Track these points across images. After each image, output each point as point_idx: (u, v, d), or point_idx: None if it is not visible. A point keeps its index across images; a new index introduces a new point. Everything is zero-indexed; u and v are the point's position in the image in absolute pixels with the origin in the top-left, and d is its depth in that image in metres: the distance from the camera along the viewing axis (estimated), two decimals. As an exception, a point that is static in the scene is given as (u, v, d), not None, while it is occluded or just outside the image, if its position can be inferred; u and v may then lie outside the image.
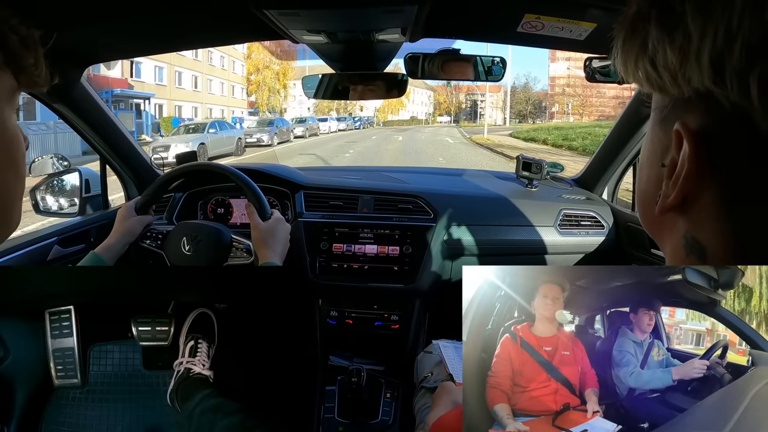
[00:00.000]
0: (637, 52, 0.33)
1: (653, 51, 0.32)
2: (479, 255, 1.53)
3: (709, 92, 0.29)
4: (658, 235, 0.38)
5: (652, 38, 0.32)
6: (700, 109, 0.31)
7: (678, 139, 0.32)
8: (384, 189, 1.59)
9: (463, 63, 1.32)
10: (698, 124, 0.31)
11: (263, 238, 1.08)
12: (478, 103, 62.87)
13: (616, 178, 1.68)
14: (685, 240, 0.34)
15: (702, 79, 0.29)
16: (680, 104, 0.32)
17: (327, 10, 0.98)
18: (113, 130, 1.51)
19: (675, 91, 0.32)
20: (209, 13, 1.06)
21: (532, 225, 1.54)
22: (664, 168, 0.34)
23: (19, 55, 0.43)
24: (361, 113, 48.55)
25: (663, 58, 0.31)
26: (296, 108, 46.42)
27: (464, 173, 2.04)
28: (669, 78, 0.31)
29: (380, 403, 1.39)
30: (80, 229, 1.44)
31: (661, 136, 0.35)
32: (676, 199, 0.33)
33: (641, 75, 0.34)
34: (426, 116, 62.53)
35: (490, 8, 1.10)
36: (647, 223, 0.39)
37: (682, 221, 0.34)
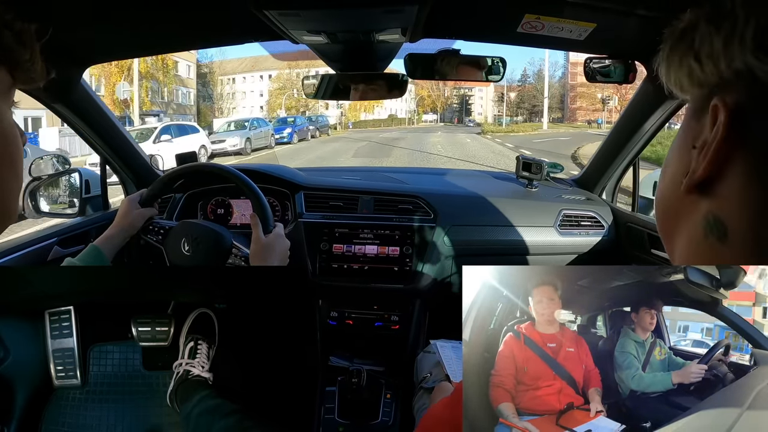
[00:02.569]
0: (682, 53, 0.36)
1: (699, 44, 0.34)
2: (479, 255, 1.53)
3: (749, 69, 0.31)
4: (673, 225, 0.39)
5: (699, 34, 0.34)
6: (738, 87, 0.32)
7: (714, 116, 0.33)
8: (384, 189, 1.59)
9: (464, 63, 1.32)
10: (735, 99, 0.32)
11: (261, 253, 1.08)
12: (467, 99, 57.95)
13: (616, 179, 1.68)
14: (705, 221, 0.34)
15: (744, 56, 0.31)
16: (717, 89, 0.34)
17: (327, 11, 0.98)
18: (113, 131, 1.51)
19: (715, 78, 0.34)
20: (209, 13, 1.06)
21: (532, 225, 1.55)
22: (695, 150, 0.35)
23: (14, 51, 0.43)
24: (327, 112, 38.11)
25: (708, 47, 0.33)
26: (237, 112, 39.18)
27: (464, 174, 2.05)
28: (711, 66, 0.33)
29: (380, 404, 1.38)
30: (80, 230, 1.44)
31: (693, 125, 0.37)
32: (705, 170, 0.33)
33: (684, 72, 0.36)
34: (408, 114, 52.92)
35: (490, 9, 1.10)
36: (666, 211, 0.40)
37: (704, 203, 0.35)
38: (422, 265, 1.47)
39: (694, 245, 0.36)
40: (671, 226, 0.39)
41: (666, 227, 0.40)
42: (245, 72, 43.17)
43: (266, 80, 42.66)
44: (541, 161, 1.71)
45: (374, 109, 49.24)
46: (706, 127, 0.34)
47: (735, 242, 0.33)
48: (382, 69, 1.42)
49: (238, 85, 43.01)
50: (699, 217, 0.35)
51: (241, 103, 42.22)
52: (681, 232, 0.38)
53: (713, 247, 0.34)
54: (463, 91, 57.97)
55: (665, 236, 0.41)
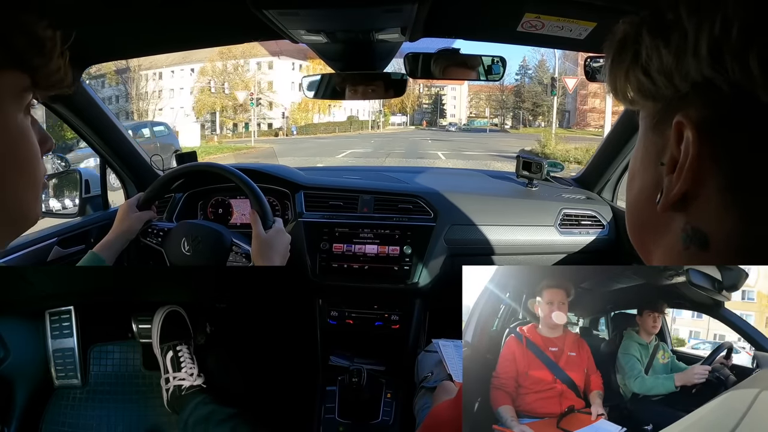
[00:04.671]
0: (627, 67, 0.35)
1: (646, 59, 0.33)
2: (479, 255, 1.53)
3: (708, 82, 0.30)
4: (650, 240, 0.38)
5: (644, 48, 0.33)
6: (698, 101, 0.32)
7: (678, 133, 0.33)
8: (384, 189, 1.59)
9: (463, 62, 1.32)
10: (699, 114, 0.32)
11: (262, 250, 1.08)
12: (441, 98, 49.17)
13: (617, 177, 1.68)
14: (684, 234, 0.34)
15: (701, 69, 0.30)
16: (675, 103, 0.33)
17: (326, 10, 0.98)
18: (113, 131, 1.50)
19: (669, 92, 0.33)
20: (209, 13, 1.06)
21: (533, 224, 1.54)
22: (663, 166, 0.34)
23: (27, 55, 0.42)
24: (270, 112, 35.00)
25: (658, 61, 0.32)
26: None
27: (464, 173, 2.04)
28: (663, 81, 0.33)
29: (381, 404, 1.39)
30: (80, 230, 1.44)
31: (655, 140, 0.36)
32: (681, 189, 0.33)
33: (632, 87, 0.35)
34: (372, 116, 42.65)
35: (490, 8, 1.09)
36: (640, 226, 0.39)
37: (679, 217, 0.34)
38: (422, 265, 1.47)
39: (675, 255, 0.35)
40: (646, 239, 0.39)
41: (640, 239, 0.40)
42: (174, 65, 34.97)
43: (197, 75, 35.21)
44: (541, 160, 1.71)
45: (329, 110, 39.73)
46: (669, 142, 0.33)
47: (718, 249, 0.33)
48: (381, 68, 1.42)
49: (166, 81, 35.07)
50: (677, 230, 0.35)
51: (169, 103, 34.24)
52: (659, 244, 0.37)
53: (696, 255, 0.34)
54: (435, 90, 51.45)
55: (640, 248, 0.40)
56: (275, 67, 36.90)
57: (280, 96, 37.06)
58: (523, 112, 47.34)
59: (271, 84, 37.27)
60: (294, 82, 36.02)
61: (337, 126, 38.53)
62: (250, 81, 35.86)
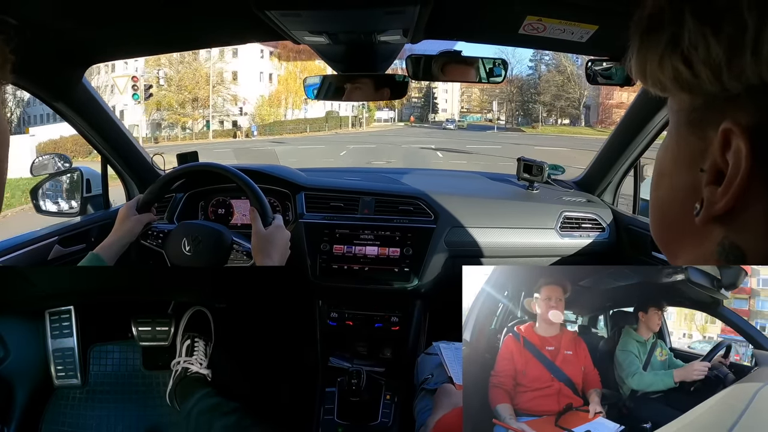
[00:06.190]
0: (662, 52, 0.31)
1: (689, 46, 0.29)
2: (480, 257, 1.53)
3: (766, 86, 0.27)
4: (678, 244, 0.35)
5: (687, 32, 0.29)
6: (752, 106, 0.28)
7: (724, 140, 0.29)
8: (385, 190, 1.59)
9: (465, 64, 1.32)
10: (753, 121, 0.28)
11: (262, 246, 1.08)
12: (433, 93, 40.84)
13: (618, 181, 1.68)
14: (720, 247, 0.31)
15: (760, 71, 0.27)
16: (720, 103, 0.29)
17: (328, 11, 0.98)
18: (114, 130, 1.51)
19: (714, 89, 0.29)
20: (211, 13, 1.06)
21: (533, 227, 1.54)
22: (703, 173, 0.31)
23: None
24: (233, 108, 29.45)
25: (704, 52, 0.28)
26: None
27: (465, 175, 2.04)
28: (709, 75, 0.29)
29: (380, 405, 1.38)
30: (81, 229, 1.44)
31: (692, 140, 0.32)
32: (727, 205, 0.29)
33: (666, 75, 0.31)
34: (355, 111, 35.57)
35: (492, 10, 1.10)
36: (667, 228, 0.36)
37: (718, 230, 0.31)
38: (422, 267, 1.47)
39: (705, 264, 0.34)
40: (673, 242, 0.36)
41: (666, 240, 0.37)
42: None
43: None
44: (542, 163, 1.71)
45: (303, 106, 32.88)
46: (713, 147, 0.30)
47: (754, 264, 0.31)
48: (383, 70, 1.43)
49: (119, 73, 27.10)
50: (712, 242, 0.32)
51: (122, 100, 27.13)
52: (688, 251, 0.35)
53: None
54: (425, 83, 41.26)
55: (665, 248, 0.38)
56: (240, 55, 30.60)
57: (244, 88, 31.12)
58: (539, 106, 38.65)
59: (235, 74, 31.12)
60: (263, 72, 31.78)
61: (309, 124, 31.69)
62: (202, 70, 30.32)
